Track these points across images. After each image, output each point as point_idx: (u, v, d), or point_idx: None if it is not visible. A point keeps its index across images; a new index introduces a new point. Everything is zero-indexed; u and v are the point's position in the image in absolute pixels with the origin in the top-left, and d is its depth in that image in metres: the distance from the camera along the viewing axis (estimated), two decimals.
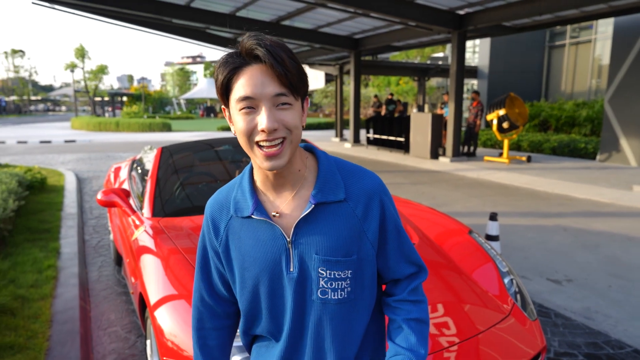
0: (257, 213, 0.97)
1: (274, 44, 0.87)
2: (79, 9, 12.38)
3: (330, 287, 0.97)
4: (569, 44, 18.65)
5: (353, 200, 0.97)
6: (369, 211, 0.98)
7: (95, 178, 9.34)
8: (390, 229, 1.03)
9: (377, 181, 1.02)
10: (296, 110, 0.90)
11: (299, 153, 0.99)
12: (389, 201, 1.03)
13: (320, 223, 0.96)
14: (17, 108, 58.97)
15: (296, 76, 0.88)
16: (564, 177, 8.94)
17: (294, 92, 0.89)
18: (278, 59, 0.85)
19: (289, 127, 0.89)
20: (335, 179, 0.98)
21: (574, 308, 3.41)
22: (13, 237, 4.74)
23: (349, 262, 0.97)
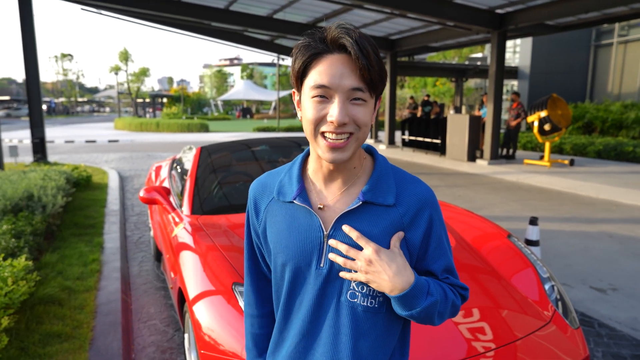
0: (300, 199, 0.95)
1: (362, 36, 0.84)
2: (124, 14, 12.90)
3: (362, 291, 0.93)
4: (617, 43, 17.82)
5: (402, 207, 0.94)
6: (415, 221, 0.95)
7: (137, 176, 9.68)
8: (432, 246, 0.98)
9: (430, 194, 0.98)
10: (369, 107, 0.88)
11: (359, 152, 0.96)
12: (438, 219, 0.99)
13: (363, 222, 0.93)
14: (65, 109, 61.90)
15: (377, 73, 0.85)
16: (609, 181, 8.55)
17: (371, 88, 0.86)
18: (364, 51, 0.83)
19: (359, 123, 0.86)
20: (389, 183, 0.95)
21: (620, 318, 3.26)
22: (61, 232, 4.98)
23: None
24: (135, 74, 48.42)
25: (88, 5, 12.00)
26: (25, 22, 10.01)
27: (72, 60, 60.38)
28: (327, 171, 0.95)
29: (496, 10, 10.59)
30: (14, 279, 2.76)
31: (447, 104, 28.36)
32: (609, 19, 11.27)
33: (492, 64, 11.16)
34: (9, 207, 4.17)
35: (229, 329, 1.82)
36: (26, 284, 2.86)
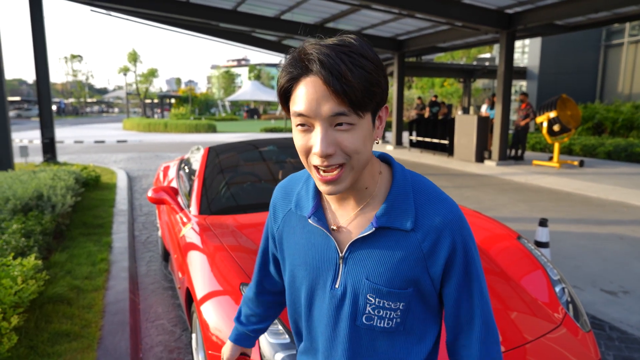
0: (314, 218, 0.90)
1: (337, 51, 0.73)
2: (133, 15, 13.00)
3: (377, 314, 0.87)
4: (628, 43, 17.64)
5: (422, 233, 0.84)
6: (435, 249, 0.84)
7: (145, 177, 9.74)
8: (454, 282, 0.87)
9: (454, 216, 0.85)
10: (359, 130, 0.76)
11: (370, 169, 0.86)
12: (465, 248, 0.86)
13: (378, 248, 0.85)
14: (74, 110, 62.48)
15: (360, 91, 0.72)
16: (620, 183, 8.45)
17: (357, 109, 0.74)
18: (335, 73, 0.71)
19: (347, 152, 0.76)
20: (406, 203, 0.84)
21: (631, 321, 3.22)
22: (70, 231, 5.02)
23: (402, 295, 0.86)
24: (143, 75, 48.74)
25: (97, 7, 12.10)
26: (35, 23, 10.11)
27: (82, 61, 61.02)
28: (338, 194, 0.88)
29: (505, 10, 10.52)
30: (24, 277, 2.78)
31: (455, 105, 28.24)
32: (620, 19, 11.15)
33: (501, 64, 11.09)
34: (19, 207, 4.21)
35: None
36: (35, 283, 2.88)
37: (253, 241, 2.42)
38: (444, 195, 0.89)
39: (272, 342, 1.68)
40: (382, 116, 0.82)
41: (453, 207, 0.87)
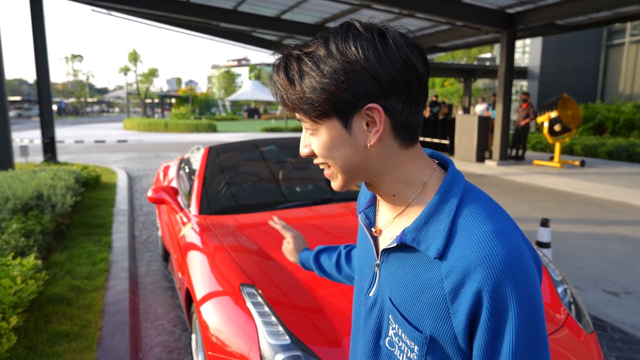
0: (362, 216, 0.85)
1: (289, 58, 0.71)
2: (133, 15, 12.99)
3: (398, 344, 0.76)
4: (629, 42, 17.62)
5: (448, 266, 0.67)
6: (459, 291, 0.65)
7: (145, 176, 9.73)
8: (479, 345, 0.65)
9: (497, 256, 0.63)
10: (322, 135, 0.71)
11: (400, 176, 0.74)
12: (497, 298, 0.63)
13: (405, 266, 0.74)
14: (75, 109, 62.51)
15: (295, 97, 0.69)
16: (621, 183, 8.43)
17: (311, 115, 0.70)
18: (274, 82, 0.72)
19: (320, 155, 0.73)
20: (441, 225, 0.69)
21: (634, 322, 3.20)
22: (70, 231, 5.01)
23: (415, 335, 0.72)
24: (144, 75, 48.76)
25: (98, 6, 12.09)
26: (36, 23, 10.11)
27: (82, 61, 61.07)
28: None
29: (506, 10, 10.50)
30: (23, 277, 2.77)
31: (455, 105, 28.22)
32: (621, 18, 11.13)
33: (502, 64, 11.07)
34: (19, 207, 4.20)
35: (236, 330, 1.80)
36: (35, 283, 2.87)
37: (253, 241, 2.41)
38: (503, 227, 0.66)
39: (272, 343, 1.67)
40: (374, 118, 0.68)
41: (503, 247, 0.64)
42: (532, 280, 0.65)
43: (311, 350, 1.66)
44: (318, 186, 3.36)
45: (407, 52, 0.67)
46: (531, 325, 0.64)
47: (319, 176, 3.56)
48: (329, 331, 1.75)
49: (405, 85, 0.68)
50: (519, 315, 0.63)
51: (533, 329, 0.64)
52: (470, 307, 0.64)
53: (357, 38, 0.67)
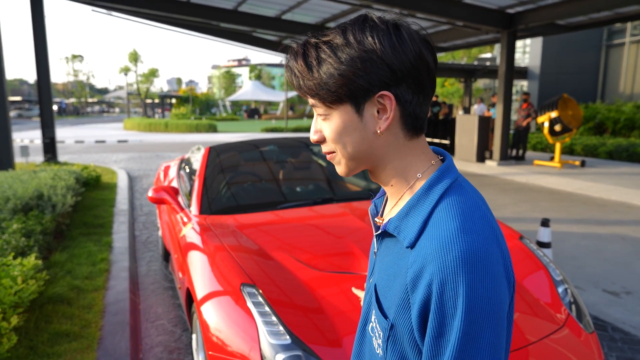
0: (372, 205, 0.89)
1: (306, 45, 0.74)
2: (134, 15, 12.99)
3: (376, 329, 0.78)
4: (629, 42, 17.61)
5: (413, 256, 0.69)
6: (417, 282, 0.66)
7: (146, 176, 9.73)
8: (427, 340, 0.65)
9: (455, 251, 0.63)
10: (335, 120, 0.74)
11: (399, 166, 0.76)
12: (450, 300, 0.62)
13: (389, 254, 0.77)
14: (75, 110, 62.53)
15: (313, 82, 0.72)
16: (621, 183, 8.43)
17: (325, 100, 0.73)
18: (289, 68, 0.76)
19: (329, 139, 0.76)
20: (419, 217, 0.71)
21: (634, 322, 3.20)
22: (70, 231, 5.01)
23: (381, 321, 0.75)
24: (144, 75, 48.77)
25: (98, 7, 12.09)
26: (36, 23, 10.11)
27: (83, 61, 61.08)
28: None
29: (506, 10, 10.50)
30: (24, 277, 2.77)
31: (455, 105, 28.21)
32: (621, 18, 11.12)
33: (502, 64, 11.07)
34: (19, 207, 4.20)
35: (237, 329, 1.80)
36: (35, 282, 2.87)
37: (254, 241, 2.41)
38: (471, 227, 0.66)
39: (273, 342, 1.67)
40: (385, 105, 0.71)
41: (462, 245, 0.63)
42: (489, 284, 0.62)
43: (312, 350, 1.66)
44: (318, 186, 3.36)
45: (419, 46, 0.71)
46: (478, 330, 0.61)
47: (319, 176, 3.56)
48: (329, 331, 1.75)
49: (417, 76, 0.71)
50: (465, 317, 0.61)
51: (478, 336, 0.61)
52: (423, 299, 0.65)
53: (373, 29, 0.71)
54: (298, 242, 2.42)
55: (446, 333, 0.63)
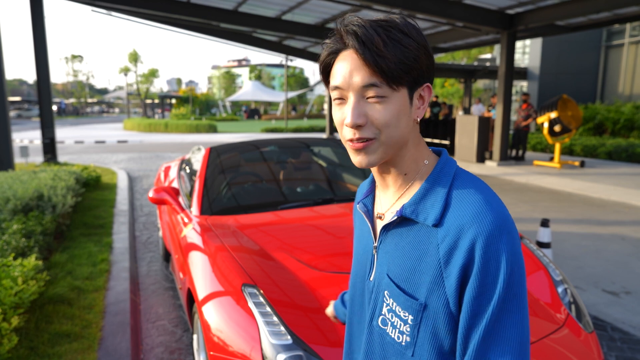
0: (361, 204, 0.90)
1: (374, 25, 0.74)
2: (133, 15, 13.00)
3: (391, 320, 0.80)
4: (629, 43, 17.62)
5: (443, 229, 0.73)
6: (452, 253, 0.71)
7: (146, 177, 9.73)
8: (467, 300, 0.70)
9: (489, 218, 0.70)
10: (391, 104, 0.74)
11: (413, 155, 0.81)
12: (492, 257, 0.68)
13: (403, 240, 0.79)
14: (75, 110, 62.55)
15: (394, 62, 0.72)
16: (621, 183, 8.44)
17: (390, 81, 0.73)
18: (368, 43, 0.72)
19: (377, 124, 0.75)
20: (438, 196, 0.76)
21: (634, 322, 3.20)
22: (70, 232, 5.01)
23: (410, 304, 0.76)
24: (144, 75, 48.76)
25: (98, 7, 12.10)
26: (36, 23, 10.11)
27: (82, 62, 61.04)
28: (377, 176, 0.86)
29: (506, 11, 10.51)
30: (24, 278, 2.78)
31: (455, 105, 28.22)
32: (621, 19, 11.13)
33: (502, 64, 11.08)
34: (19, 207, 4.20)
35: (238, 330, 1.81)
36: (36, 283, 2.87)
37: (254, 242, 2.42)
38: (492, 198, 0.74)
39: (274, 343, 1.67)
40: (423, 96, 0.78)
41: (493, 211, 0.71)
42: (518, 243, 0.71)
43: (313, 350, 1.66)
44: (319, 186, 3.37)
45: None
46: (516, 282, 0.69)
47: (319, 176, 3.57)
48: (330, 331, 1.76)
49: (433, 73, 0.79)
50: (506, 271, 0.68)
51: (518, 286, 0.69)
52: (462, 265, 0.69)
53: (413, 28, 0.77)
54: (299, 243, 2.42)
55: (489, 289, 0.69)
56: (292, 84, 51.42)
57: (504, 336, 0.68)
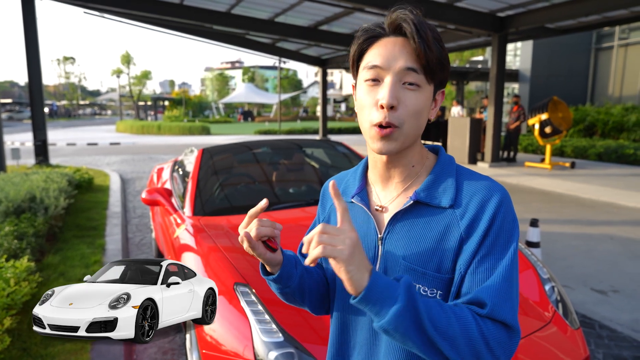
0: (357, 198, 0.92)
1: (423, 20, 0.81)
2: (126, 17, 12.96)
3: None
4: (618, 46, 17.84)
5: (461, 208, 0.83)
6: (474, 225, 0.81)
7: (138, 179, 9.70)
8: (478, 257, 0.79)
9: (498, 187, 0.83)
10: (423, 95, 0.82)
11: (420, 150, 0.90)
12: (502, 225, 0.80)
13: (417, 225, 0.85)
14: (67, 112, 62.11)
15: (436, 57, 0.80)
16: (611, 184, 8.54)
17: (428, 73, 0.80)
18: (422, 33, 0.79)
19: (407, 110, 0.80)
20: (447, 182, 0.86)
21: (621, 320, 3.26)
22: (63, 234, 4.99)
23: (439, 280, 0.82)
24: (137, 77, 48.58)
25: (91, 9, 12.06)
26: (28, 25, 10.06)
27: (75, 63, 60.65)
28: (382, 168, 0.89)
29: (497, 14, 10.61)
30: (17, 280, 2.78)
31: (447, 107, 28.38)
32: (610, 22, 11.29)
33: (493, 67, 11.18)
34: (11, 209, 4.19)
35: (230, 329, 1.83)
36: (28, 285, 2.87)
37: None
38: (488, 177, 0.87)
39: (265, 340, 1.70)
40: (438, 99, 0.86)
41: (497, 184, 0.84)
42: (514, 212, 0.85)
43: (304, 348, 1.69)
44: (311, 187, 3.39)
45: None
46: (516, 242, 0.82)
47: (312, 177, 3.59)
48: (321, 329, 1.78)
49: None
50: (516, 233, 0.82)
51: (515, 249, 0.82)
52: (484, 231, 0.79)
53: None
54: (291, 243, 2.44)
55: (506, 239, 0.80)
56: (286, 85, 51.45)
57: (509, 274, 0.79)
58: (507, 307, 0.76)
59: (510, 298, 0.77)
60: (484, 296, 0.76)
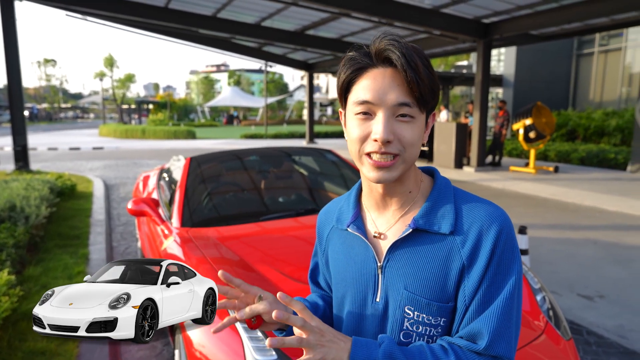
0: (353, 227, 0.90)
1: (410, 47, 0.78)
2: (110, 20, 12.79)
3: (417, 330, 0.83)
4: (598, 52, 18.23)
5: (462, 235, 0.81)
6: (476, 253, 0.79)
7: (122, 185, 9.55)
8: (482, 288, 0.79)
9: (499, 217, 0.81)
10: (417, 125, 0.80)
11: (415, 174, 0.88)
12: (505, 253, 0.79)
13: (418, 253, 0.83)
14: (48, 115, 60.99)
15: (428, 87, 0.78)
16: (593, 188, 8.69)
17: (420, 104, 0.79)
18: (412, 64, 0.76)
19: (404, 143, 0.79)
20: (446, 207, 0.84)
21: (607, 325, 3.30)
22: (45, 243, 4.87)
23: (443, 309, 0.81)
24: (120, 80, 47.99)
25: (73, 11, 11.87)
26: (7, 26, 9.86)
27: (56, 66, 59.70)
28: (378, 196, 0.87)
29: (482, 20, 10.76)
30: None
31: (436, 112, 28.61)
32: (591, 30, 11.54)
33: (478, 72, 11.32)
34: None
35: (221, 345, 1.79)
36: (9, 299, 2.78)
37: (235, 253, 2.40)
38: (489, 201, 0.85)
39: (258, 358, 1.66)
40: (430, 122, 0.85)
41: (498, 210, 0.82)
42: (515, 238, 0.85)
43: None
44: (301, 196, 3.36)
45: None
46: (517, 273, 0.81)
47: (301, 186, 3.57)
48: None
49: None
50: (517, 262, 0.80)
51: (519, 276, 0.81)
52: (487, 258, 0.78)
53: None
54: (281, 254, 2.41)
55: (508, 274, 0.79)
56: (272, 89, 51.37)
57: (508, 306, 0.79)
58: (503, 341, 0.77)
59: (507, 331, 0.78)
60: (480, 330, 0.77)
